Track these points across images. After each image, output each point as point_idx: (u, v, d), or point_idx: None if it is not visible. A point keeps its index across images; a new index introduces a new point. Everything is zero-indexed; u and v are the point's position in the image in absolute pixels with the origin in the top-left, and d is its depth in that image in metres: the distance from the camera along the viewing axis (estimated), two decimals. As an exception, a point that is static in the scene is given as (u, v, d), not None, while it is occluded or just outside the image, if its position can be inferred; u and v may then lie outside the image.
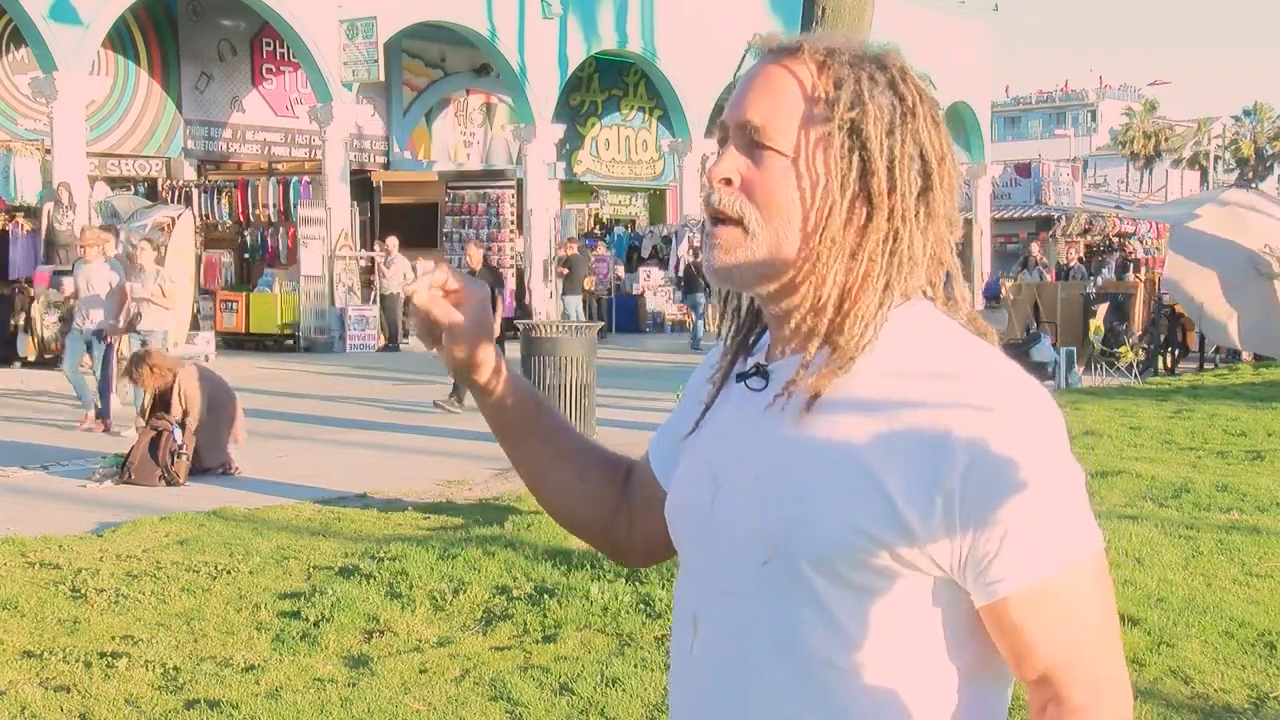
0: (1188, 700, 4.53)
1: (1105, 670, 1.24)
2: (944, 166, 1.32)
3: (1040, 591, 1.21)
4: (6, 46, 20.72)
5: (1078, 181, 42.68)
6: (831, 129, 1.28)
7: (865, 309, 1.28)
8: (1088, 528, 1.23)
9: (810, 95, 1.29)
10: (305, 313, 20.37)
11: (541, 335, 10.60)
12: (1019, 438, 1.20)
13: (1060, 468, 1.22)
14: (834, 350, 1.28)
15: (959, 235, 1.35)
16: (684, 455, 1.44)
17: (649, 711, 4.39)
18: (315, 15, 21.29)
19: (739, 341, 1.43)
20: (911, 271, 1.30)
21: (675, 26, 27.20)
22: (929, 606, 1.25)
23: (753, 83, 1.33)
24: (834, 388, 1.27)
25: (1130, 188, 65.34)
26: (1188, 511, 7.55)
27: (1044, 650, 1.22)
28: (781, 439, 1.28)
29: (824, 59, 1.31)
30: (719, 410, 1.40)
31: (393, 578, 5.91)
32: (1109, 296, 19.04)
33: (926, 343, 1.28)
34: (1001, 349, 1.33)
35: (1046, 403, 1.24)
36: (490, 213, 23.05)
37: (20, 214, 18.42)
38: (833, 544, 1.23)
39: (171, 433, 9.02)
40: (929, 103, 1.33)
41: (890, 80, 1.31)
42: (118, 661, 4.90)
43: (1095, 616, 1.23)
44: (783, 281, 1.31)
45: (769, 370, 1.34)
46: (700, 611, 1.35)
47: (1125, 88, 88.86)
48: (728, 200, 1.31)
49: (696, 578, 1.37)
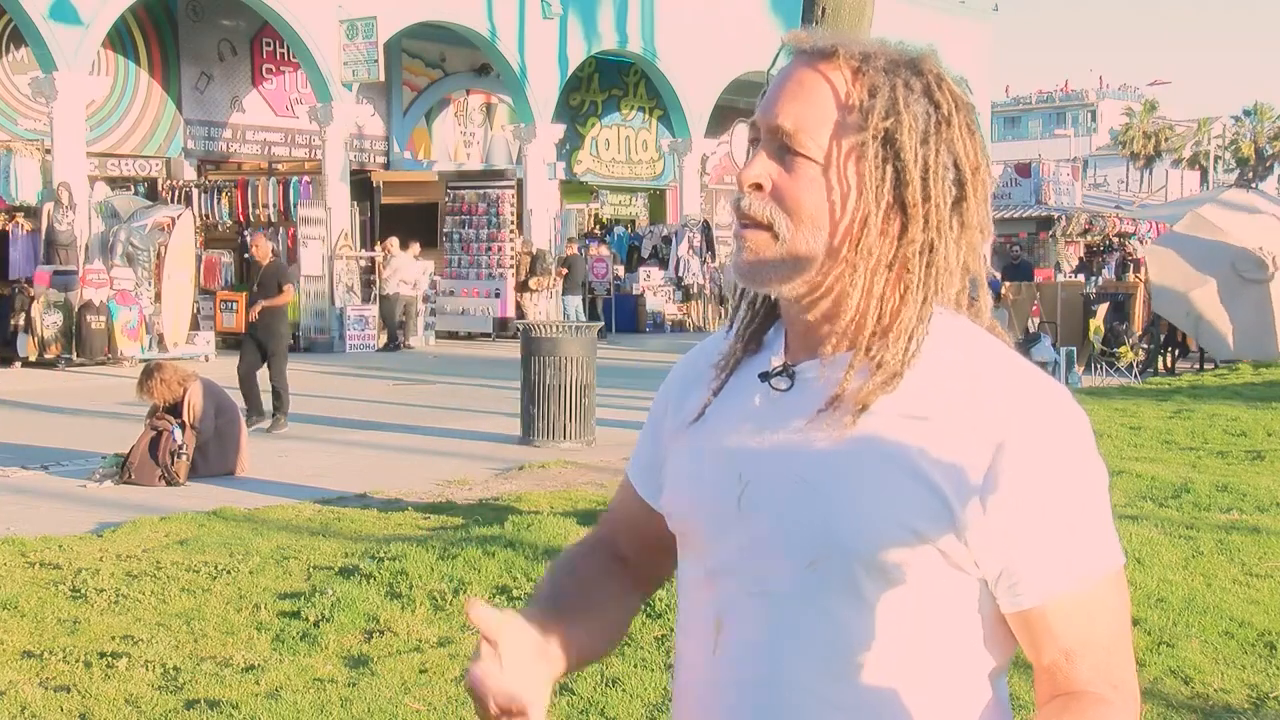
0: (1188, 700, 4.53)
1: (1122, 674, 1.27)
2: (978, 177, 1.32)
3: (1074, 599, 1.24)
4: (6, 46, 20.72)
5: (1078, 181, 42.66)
6: (865, 138, 1.28)
7: (907, 323, 1.28)
8: (1114, 538, 1.28)
9: (844, 103, 1.29)
10: (305, 313, 20.38)
11: (541, 335, 10.60)
12: (1060, 443, 1.25)
13: (1096, 475, 1.27)
14: (879, 365, 1.28)
15: (990, 243, 1.36)
16: (684, 449, 1.41)
17: (649, 711, 4.39)
18: (315, 15, 21.29)
19: (751, 333, 1.42)
20: (948, 283, 1.31)
21: (675, 26, 27.20)
22: (972, 609, 1.27)
23: (785, 85, 1.31)
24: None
25: (1130, 188, 65.35)
26: (1188, 511, 7.54)
27: (1073, 652, 1.26)
28: (826, 442, 1.28)
29: (859, 64, 1.30)
30: (728, 406, 1.38)
31: (393, 578, 5.90)
32: (1109, 296, 19.06)
33: (962, 348, 1.30)
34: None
35: (1079, 409, 1.28)
36: (490, 213, 23.05)
37: (20, 214, 18.41)
38: (886, 544, 1.24)
39: (171, 433, 9.02)
40: (965, 110, 1.33)
41: (925, 87, 1.31)
42: (118, 661, 4.90)
43: (1118, 625, 1.27)
44: (810, 287, 1.31)
45: (794, 372, 1.34)
46: (726, 613, 1.33)
47: (1125, 88, 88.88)
48: (758, 206, 1.30)
49: (719, 577, 1.34)
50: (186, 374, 9.44)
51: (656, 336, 24.35)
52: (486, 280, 22.93)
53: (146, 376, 9.31)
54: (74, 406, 13.04)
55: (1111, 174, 70.43)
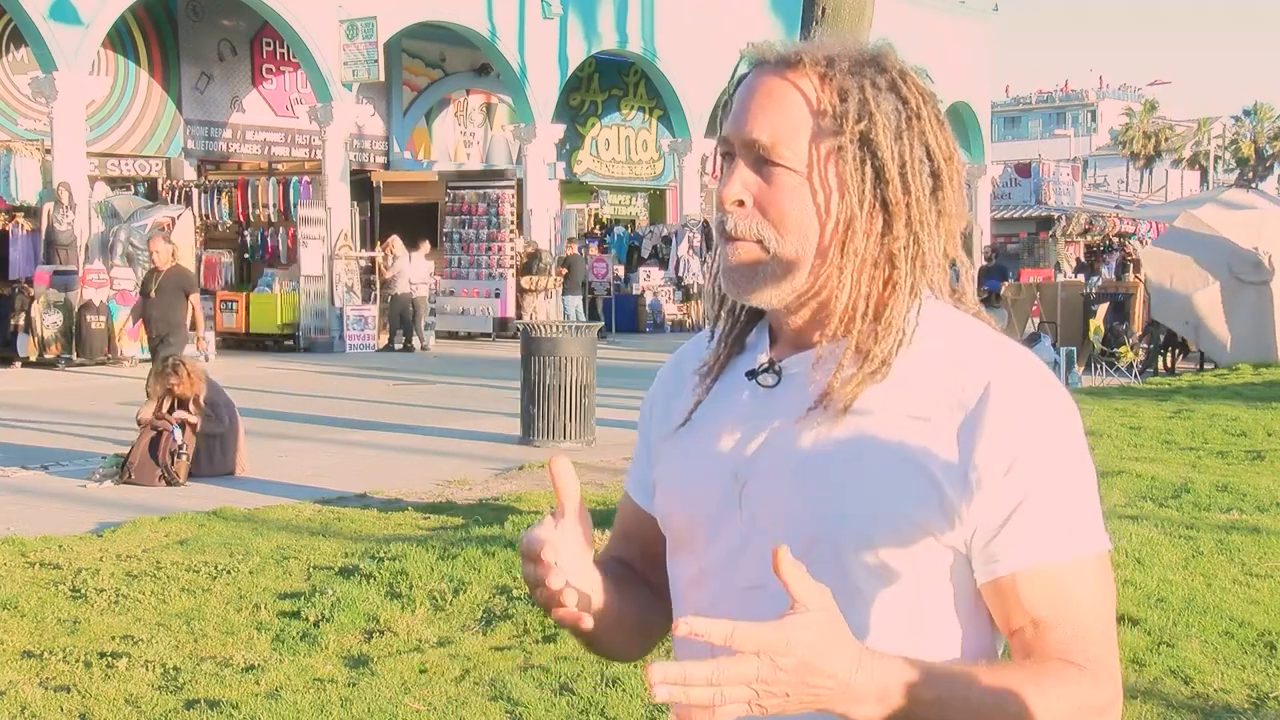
0: (1188, 700, 4.53)
1: (1097, 654, 1.24)
2: (951, 164, 1.33)
3: (1049, 572, 1.24)
4: (6, 46, 20.72)
5: (1078, 181, 42.70)
6: (842, 141, 1.29)
7: (896, 315, 1.30)
8: (1099, 524, 1.28)
9: (816, 109, 1.29)
10: (305, 313, 20.38)
11: (541, 335, 10.60)
12: (1047, 426, 1.26)
13: (1083, 459, 1.28)
14: (867, 356, 1.29)
15: (964, 225, 1.37)
16: (674, 450, 1.42)
17: (649, 711, 4.39)
18: (315, 15, 21.30)
19: (734, 339, 1.42)
20: (935, 273, 1.33)
21: (675, 26, 27.21)
22: (968, 591, 1.28)
23: (754, 98, 1.32)
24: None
25: (1130, 188, 65.38)
26: (1188, 511, 7.54)
27: (1042, 623, 1.24)
28: (817, 435, 1.29)
29: (824, 70, 1.30)
30: (717, 407, 1.39)
31: (393, 578, 5.90)
32: (1109, 296, 19.05)
33: (948, 335, 1.31)
34: None
35: (1068, 397, 1.30)
36: (490, 213, 23.06)
37: (20, 214, 18.42)
38: (883, 532, 1.25)
39: (171, 433, 9.03)
40: (931, 102, 1.34)
41: (891, 83, 1.31)
42: (118, 661, 4.90)
43: (1096, 608, 1.26)
44: (800, 293, 1.32)
45: (781, 367, 1.34)
46: (724, 610, 1.31)
47: (1125, 88, 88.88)
48: (743, 225, 1.30)
49: (715, 575, 1.35)
50: (202, 371, 9.51)
51: (656, 336, 24.35)
52: (486, 280, 22.94)
53: (173, 370, 9.33)
54: (74, 406, 13.05)
55: (1111, 174, 70.44)
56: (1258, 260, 17.16)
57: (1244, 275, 17.16)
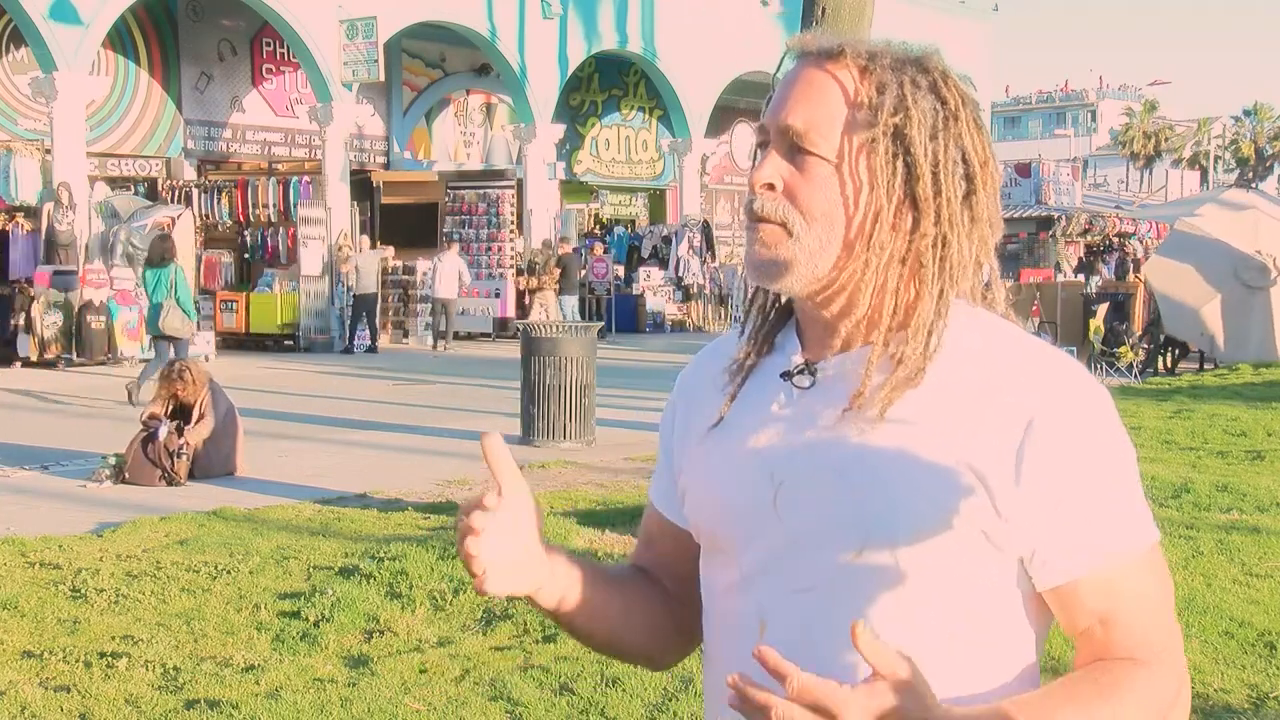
0: (1188, 700, 4.53)
1: (1164, 641, 1.29)
2: (986, 170, 1.33)
3: (1107, 573, 1.26)
4: (6, 46, 20.72)
5: (1078, 181, 42.66)
6: (875, 134, 1.29)
7: (925, 316, 1.30)
8: (1148, 513, 1.30)
9: (853, 100, 1.30)
10: (305, 313, 20.37)
11: (541, 335, 10.60)
12: (1092, 420, 1.27)
13: (1124, 450, 1.29)
14: (901, 361, 1.29)
15: (999, 237, 1.36)
16: (705, 453, 1.41)
17: (649, 711, 4.38)
18: (315, 15, 21.30)
19: (764, 336, 1.42)
20: (962, 276, 1.32)
21: (675, 26, 27.21)
22: (1011, 586, 1.29)
23: (794, 87, 1.33)
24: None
25: (1130, 188, 65.33)
26: (1188, 511, 7.54)
27: (1109, 621, 1.27)
28: (857, 435, 1.29)
29: (866, 63, 1.31)
30: (749, 407, 1.38)
31: (393, 578, 5.90)
32: (1109, 296, 19.06)
33: (983, 334, 1.32)
34: None
35: (1100, 385, 1.31)
36: (490, 213, 23.06)
37: (20, 214, 18.42)
38: (928, 531, 1.25)
39: (154, 432, 8.99)
40: (971, 106, 1.34)
41: (932, 84, 1.32)
42: (118, 661, 4.90)
43: (1156, 597, 1.29)
44: (825, 283, 1.32)
45: (816, 368, 1.34)
46: (770, 612, 1.33)
47: (1125, 88, 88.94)
48: (770, 206, 1.31)
49: (757, 578, 1.34)
50: (206, 374, 9.51)
51: (656, 336, 24.35)
52: (486, 280, 22.93)
53: (179, 375, 9.33)
54: (74, 406, 13.05)
55: (1111, 174, 70.43)
56: (1263, 265, 17.14)
57: (1251, 281, 17.13)
